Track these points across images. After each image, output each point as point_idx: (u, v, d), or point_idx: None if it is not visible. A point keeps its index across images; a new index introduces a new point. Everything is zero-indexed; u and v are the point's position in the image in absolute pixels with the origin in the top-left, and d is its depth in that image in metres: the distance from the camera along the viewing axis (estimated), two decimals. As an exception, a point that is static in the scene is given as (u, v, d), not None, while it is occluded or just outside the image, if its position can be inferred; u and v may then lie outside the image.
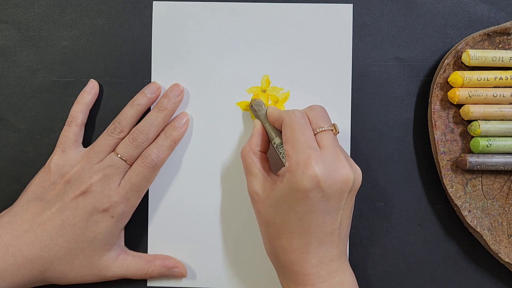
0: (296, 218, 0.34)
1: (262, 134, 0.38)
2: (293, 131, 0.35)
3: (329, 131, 0.35)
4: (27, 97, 0.41)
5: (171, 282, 0.41)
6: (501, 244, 0.39)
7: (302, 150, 0.34)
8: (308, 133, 0.35)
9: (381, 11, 0.41)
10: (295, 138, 0.34)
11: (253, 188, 0.36)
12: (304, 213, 0.33)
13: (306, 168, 0.33)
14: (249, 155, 0.37)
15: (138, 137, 0.38)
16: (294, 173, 0.33)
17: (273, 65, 0.41)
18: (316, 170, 0.33)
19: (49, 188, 0.37)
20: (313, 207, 0.33)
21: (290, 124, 0.35)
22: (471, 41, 0.40)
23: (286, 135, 0.35)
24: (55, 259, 0.36)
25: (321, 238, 0.34)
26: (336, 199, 0.34)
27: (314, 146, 0.34)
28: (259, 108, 0.39)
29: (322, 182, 0.33)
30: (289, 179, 0.34)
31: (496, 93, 0.39)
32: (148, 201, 0.41)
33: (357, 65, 0.41)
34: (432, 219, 0.41)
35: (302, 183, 0.33)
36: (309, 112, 0.37)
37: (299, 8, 0.41)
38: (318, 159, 0.33)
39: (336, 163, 0.34)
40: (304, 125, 0.35)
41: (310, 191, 0.33)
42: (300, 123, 0.35)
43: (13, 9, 0.41)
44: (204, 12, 0.41)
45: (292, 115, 0.36)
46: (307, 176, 0.33)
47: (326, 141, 0.35)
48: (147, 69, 0.41)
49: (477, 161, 0.38)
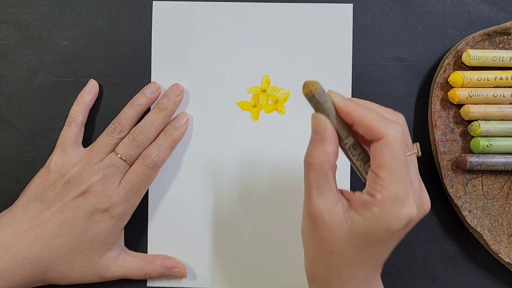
0: (372, 254, 0.30)
1: (336, 138, 0.30)
2: (397, 159, 0.28)
3: (414, 155, 0.30)
4: (27, 97, 0.41)
5: (171, 282, 0.41)
6: (501, 244, 0.39)
7: (403, 185, 0.28)
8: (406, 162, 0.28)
9: (381, 11, 0.41)
10: (398, 170, 0.28)
11: (320, 210, 0.29)
12: (382, 249, 0.30)
13: (403, 208, 0.28)
14: (324, 168, 0.29)
15: (138, 137, 0.38)
16: (389, 212, 0.28)
17: (273, 65, 0.41)
18: (413, 210, 0.28)
19: (49, 188, 0.37)
20: (392, 244, 0.30)
21: (395, 146, 0.28)
22: (471, 41, 0.40)
23: (384, 159, 0.28)
24: (55, 259, 0.36)
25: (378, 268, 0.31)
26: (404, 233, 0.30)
27: (410, 179, 0.29)
28: (324, 99, 0.29)
29: (414, 221, 0.29)
30: (379, 217, 0.28)
31: (496, 93, 0.39)
32: (148, 201, 0.41)
33: (357, 65, 0.41)
34: (432, 219, 0.41)
35: (396, 223, 0.28)
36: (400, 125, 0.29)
37: (299, 8, 0.41)
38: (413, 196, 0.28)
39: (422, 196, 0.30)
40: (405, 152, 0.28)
41: (399, 231, 0.29)
42: (403, 149, 0.28)
43: (13, 9, 0.41)
44: (204, 12, 0.41)
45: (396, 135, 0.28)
46: (403, 216, 0.28)
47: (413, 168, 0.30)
48: (147, 69, 0.41)
49: (477, 161, 0.38)
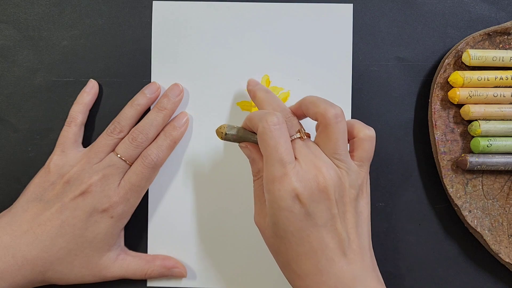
0: (295, 239, 0.31)
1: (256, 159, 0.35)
2: (267, 144, 0.32)
3: (298, 139, 0.33)
4: (26, 97, 0.41)
5: (171, 282, 0.41)
6: (501, 244, 0.39)
7: (278, 166, 0.31)
8: (284, 145, 0.32)
9: (381, 11, 0.41)
10: (270, 154, 0.32)
11: (258, 218, 0.34)
12: (298, 231, 0.31)
13: (282, 184, 0.31)
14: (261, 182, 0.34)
15: (137, 137, 0.38)
16: (272, 192, 0.31)
17: (273, 65, 0.41)
18: (292, 184, 0.31)
19: (48, 188, 0.37)
20: (302, 223, 0.31)
21: (264, 135, 0.32)
22: (472, 41, 0.40)
23: (261, 148, 0.32)
24: (55, 260, 0.36)
25: (329, 255, 0.31)
26: (322, 209, 0.31)
27: (289, 159, 0.31)
28: (233, 132, 0.35)
29: (300, 194, 0.31)
30: (269, 199, 0.32)
31: (496, 93, 0.39)
32: (148, 201, 0.41)
33: (357, 65, 0.41)
34: (432, 219, 0.41)
35: (281, 200, 0.31)
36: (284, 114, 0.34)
37: (299, 8, 0.41)
38: (293, 171, 0.31)
39: (312, 171, 0.31)
40: (281, 136, 0.32)
41: (292, 207, 0.31)
42: (275, 135, 0.32)
43: (13, 9, 0.41)
44: (204, 12, 0.41)
45: (266, 124, 0.32)
46: (283, 192, 0.31)
47: (301, 148, 0.33)
48: (147, 69, 0.41)
49: (478, 161, 0.38)
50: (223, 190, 0.41)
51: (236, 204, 0.41)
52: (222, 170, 0.41)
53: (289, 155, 0.32)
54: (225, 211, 0.41)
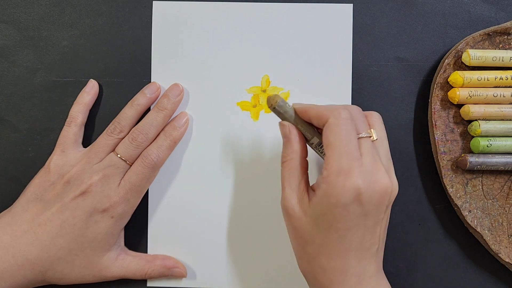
0: (337, 236, 0.31)
1: (301, 137, 0.34)
2: (339, 136, 0.31)
3: (368, 138, 0.33)
4: (27, 97, 0.41)
5: (171, 282, 0.41)
6: (501, 244, 0.39)
7: (346, 159, 0.31)
8: (354, 141, 0.31)
9: (381, 11, 0.41)
10: (339, 145, 0.31)
11: (290, 203, 0.33)
12: (345, 229, 0.31)
13: (347, 179, 0.30)
14: (294, 163, 0.34)
15: (137, 137, 0.38)
16: (333, 185, 0.31)
17: (273, 65, 0.41)
18: (358, 182, 0.30)
19: (48, 188, 0.37)
20: (353, 222, 0.31)
21: (336, 127, 0.32)
22: (471, 41, 0.40)
23: (328, 139, 0.32)
24: (55, 260, 0.36)
25: (359, 256, 0.32)
26: (375, 212, 0.32)
27: (357, 155, 0.31)
28: (284, 109, 0.34)
29: (363, 194, 0.30)
30: (327, 192, 0.31)
31: (496, 93, 0.39)
32: (148, 201, 0.41)
33: (357, 65, 0.41)
34: (432, 219, 0.41)
35: (342, 196, 0.30)
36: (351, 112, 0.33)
37: (299, 8, 0.41)
38: (359, 169, 0.31)
39: (376, 174, 0.31)
40: (351, 131, 0.32)
41: (350, 205, 0.31)
42: (347, 128, 0.32)
43: (13, 9, 0.41)
44: (204, 12, 0.41)
45: (339, 116, 0.32)
46: (348, 188, 0.30)
47: (366, 149, 0.32)
48: (147, 69, 0.41)
49: (478, 161, 0.38)
50: (223, 190, 0.41)
51: (236, 204, 0.41)
52: (222, 170, 0.41)
53: (357, 151, 0.31)
54: (225, 211, 0.41)
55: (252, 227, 0.41)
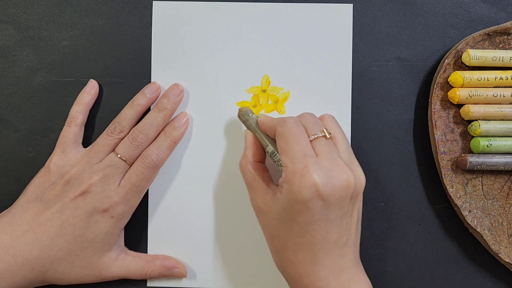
0: (299, 230, 0.33)
1: (255, 144, 0.37)
2: (287, 140, 0.34)
3: (322, 137, 0.34)
4: (27, 97, 0.41)
5: (171, 282, 0.41)
6: (501, 244, 0.39)
7: (298, 159, 0.32)
8: (303, 141, 0.33)
9: (381, 11, 0.41)
10: (290, 148, 0.33)
11: (255, 202, 0.36)
12: (306, 224, 0.32)
13: (304, 177, 0.32)
14: (247, 168, 0.36)
15: (137, 137, 0.38)
16: (292, 183, 0.32)
17: (273, 65, 0.41)
18: (314, 178, 0.32)
19: (49, 188, 0.37)
20: (314, 217, 0.32)
21: (283, 133, 0.34)
22: (471, 41, 0.40)
23: (280, 145, 0.34)
24: (55, 260, 0.36)
25: (327, 248, 0.33)
26: (337, 206, 0.32)
27: (311, 153, 0.33)
28: (246, 117, 0.38)
29: (321, 190, 0.32)
30: (287, 190, 0.33)
31: (496, 93, 0.39)
32: (148, 201, 0.41)
33: (357, 65, 0.41)
34: (432, 219, 0.41)
35: (300, 193, 0.32)
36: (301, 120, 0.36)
37: (299, 8, 0.41)
38: (315, 166, 0.32)
39: (334, 169, 0.32)
40: (298, 134, 0.34)
41: (309, 200, 0.32)
42: (294, 132, 0.34)
43: (13, 9, 0.41)
44: (204, 12, 0.41)
45: (285, 124, 0.34)
46: (305, 185, 0.32)
47: (321, 147, 0.33)
48: (147, 69, 0.41)
49: (477, 161, 0.38)
50: (223, 190, 0.41)
51: (236, 204, 0.41)
52: (222, 170, 0.41)
53: (310, 150, 0.33)
54: (225, 211, 0.41)
55: (252, 227, 0.41)
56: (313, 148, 0.34)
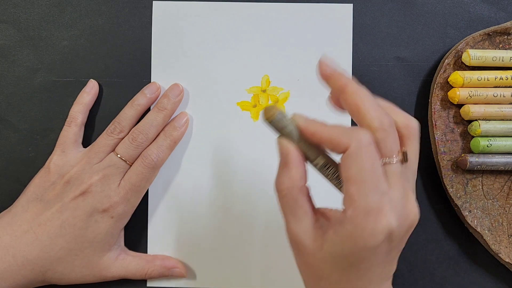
0: (358, 274, 0.28)
1: (301, 160, 0.28)
2: (362, 168, 0.26)
3: (398, 163, 0.27)
4: (26, 97, 0.41)
5: (171, 282, 0.41)
6: (501, 244, 0.39)
7: (372, 195, 0.26)
8: (378, 170, 0.26)
9: (381, 11, 0.41)
10: (365, 180, 0.26)
11: (298, 236, 0.28)
12: (367, 269, 0.27)
13: (378, 220, 0.26)
14: (292, 194, 0.28)
15: (137, 137, 0.38)
16: (362, 227, 0.26)
17: (273, 65, 0.41)
18: (390, 222, 0.26)
19: (49, 188, 0.37)
20: (378, 260, 0.27)
21: (359, 157, 0.26)
22: (471, 41, 0.40)
23: (349, 172, 0.26)
24: (55, 260, 0.36)
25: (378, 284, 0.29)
26: (401, 245, 0.28)
27: (385, 188, 0.26)
28: (283, 123, 0.28)
29: (395, 234, 0.26)
30: (353, 234, 0.26)
31: (496, 93, 0.39)
32: (148, 201, 0.41)
33: (357, 65, 0.41)
34: (432, 219, 0.41)
35: (372, 239, 0.26)
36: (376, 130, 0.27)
37: (299, 8, 0.41)
38: (390, 205, 0.26)
39: (407, 206, 0.27)
40: (376, 159, 0.26)
41: (379, 246, 0.26)
42: (372, 156, 0.26)
43: (13, 9, 0.41)
44: (204, 12, 0.41)
45: (361, 143, 0.26)
46: (379, 230, 0.26)
47: (395, 177, 0.27)
48: (147, 69, 0.41)
49: (478, 161, 0.38)
50: (223, 190, 0.41)
51: (236, 204, 0.41)
52: (222, 170, 0.41)
53: (385, 184, 0.26)
54: (225, 211, 0.41)
55: (252, 227, 0.41)
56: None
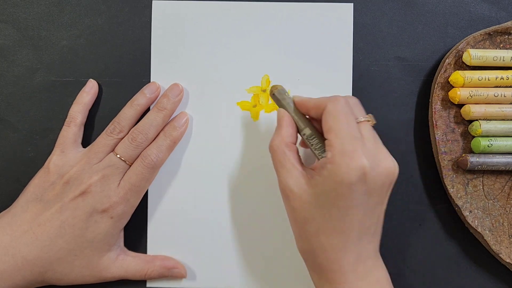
0: (339, 214, 0.32)
1: (292, 124, 0.35)
2: (338, 119, 0.32)
3: (367, 122, 0.34)
4: (26, 97, 0.41)
5: (171, 283, 0.41)
6: (502, 245, 0.39)
7: (348, 140, 0.32)
8: (353, 123, 0.33)
9: (382, 11, 0.41)
10: (340, 128, 0.32)
11: (287, 184, 0.34)
12: (347, 208, 0.32)
13: (353, 159, 0.31)
14: (281, 148, 0.34)
15: (137, 137, 0.38)
16: (339, 165, 0.31)
17: (273, 65, 0.41)
18: (363, 161, 0.31)
19: (48, 188, 0.37)
20: (356, 201, 0.32)
21: (335, 111, 0.33)
22: (472, 41, 0.39)
23: (328, 123, 0.33)
24: (54, 260, 0.36)
25: (360, 234, 0.32)
26: (378, 192, 0.32)
27: (359, 136, 0.32)
28: (282, 96, 0.36)
29: (368, 174, 0.31)
30: (332, 171, 0.31)
31: (497, 93, 0.39)
32: (147, 201, 0.41)
33: (357, 65, 0.41)
34: (433, 219, 0.41)
35: (348, 175, 0.31)
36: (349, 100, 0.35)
37: (299, 7, 0.41)
38: (364, 149, 0.32)
39: (379, 155, 0.32)
40: (349, 114, 0.33)
41: (355, 184, 0.31)
42: (345, 111, 0.33)
43: (12, 8, 0.41)
44: (204, 11, 0.41)
45: (337, 103, 0.33)
46: (353, 167, 0.31)
47: (367, 131, 0.33)
48: (146, 69, 0.41)
49: (478, 161, 0.38)
50: (223, 190, 0.41)
51: (236, 204, 0.41)
52: (222, 170, 0.41)
53: (358, 133, 0.32)
54: (225, 211, 0.41)
55: (252, 227, 0.41)
56: None
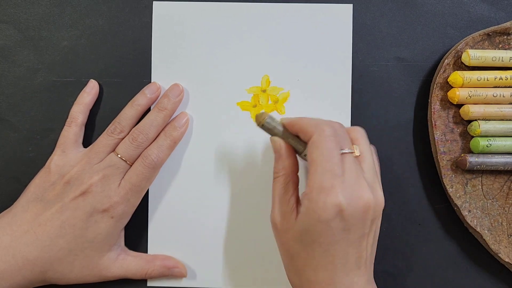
0: (321, 250, 0.32)
1: (291, 152, 0.35)
2: (321, 153, 0.32)
3: (351, 154, 0.33)
4: (27, 97, 0.41)
5: (171, 282, 0.41)
6: (501, 244, 0.39)
7: (328, 176, 0.32)
8: (336, 158, 0.32)
9: (381, 11, 0.41)
10: (321, 162, 0.32)
11: (276, 219, 0.35)
12: (328, 244, 0.32)
13: (329, 196, 0.31)
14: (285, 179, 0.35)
15: (138, 137, 0.38)
16: (316, 201, 0.31)
17: (273, 65, 0.41)
18: (339, 198, 0.31)
19: (49, 188, 0.37)
20: (336, 237, 0.32)
21: (319, 144, 0.32)
22: (471, 41, 0.40)
23: (312, 156, 0.33)
24: (55, 260, 0.36)
25: (346, 269, 0.33)
26: (359, 227, 0.32)
27: (339, 172, 0.32)
28: (273, 125, 0.35)
29: (344, 210, 0.31)
30: (310, 208, 0.32)
31: (496, 93, 0.39)
32: (148, 201, 0.41)
33: (357, 65, 0.41)
34: (432, 219, 0.41)
35: (324, 212, 0.31)
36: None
37: (299, 8, 0.41)
38: (341, 186, 0.31)
39: (357, 190, 0.32)
40: (333, 149, 0.32)
41: (332, 220, 0.31)
42: (330, 145, 0.32)
43: (13, 9, 0.41)
44: (204, 12, 0.41)
45: (322, 133, 0.33)
46: (329, 204, 0.31)
47: (348, 164, 0.33)
48: (147, 69, 0.41)
49: (477, 161, 0.38)
50: (223, 190, 0.41)
51: (236, 204, 0.41)
52: (222, 170, 0.41)
53: (339, 168, 0.32)
54: (225, 210, 0.41)
55: (251, 227, 0.41)
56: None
